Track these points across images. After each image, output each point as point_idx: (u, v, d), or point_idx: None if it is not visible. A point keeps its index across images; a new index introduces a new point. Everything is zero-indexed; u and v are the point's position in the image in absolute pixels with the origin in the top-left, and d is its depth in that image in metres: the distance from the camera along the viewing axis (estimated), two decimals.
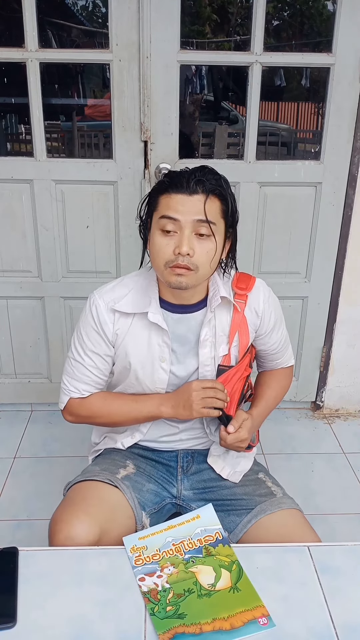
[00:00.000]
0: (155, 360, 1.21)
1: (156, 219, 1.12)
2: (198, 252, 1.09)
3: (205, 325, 1.20)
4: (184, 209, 1.07)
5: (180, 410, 1.18)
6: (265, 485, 1.26)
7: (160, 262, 1.11)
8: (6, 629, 0.84)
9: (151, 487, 1.25)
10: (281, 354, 1.36)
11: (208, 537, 1.02)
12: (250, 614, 0.87)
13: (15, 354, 2.34)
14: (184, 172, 1.10)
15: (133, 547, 1.00)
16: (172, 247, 1.09)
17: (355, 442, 2.29)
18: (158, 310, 1.18)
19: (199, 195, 1.07)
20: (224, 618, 0.86)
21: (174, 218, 1.08)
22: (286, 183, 2.09)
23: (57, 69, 5.10)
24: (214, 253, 1.11)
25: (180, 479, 1.29)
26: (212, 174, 1.11)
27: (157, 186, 1.14)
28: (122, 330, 1.20)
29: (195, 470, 1.30)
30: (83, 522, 1.05)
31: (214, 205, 1.09)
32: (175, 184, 1.08)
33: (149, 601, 0.89)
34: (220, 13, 6.86)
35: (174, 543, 1.01)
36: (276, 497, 1.21)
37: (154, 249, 1.12)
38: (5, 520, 1.84)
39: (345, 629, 0.85)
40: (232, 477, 1.27)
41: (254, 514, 1.17)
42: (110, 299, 1.20)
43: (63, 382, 1.27)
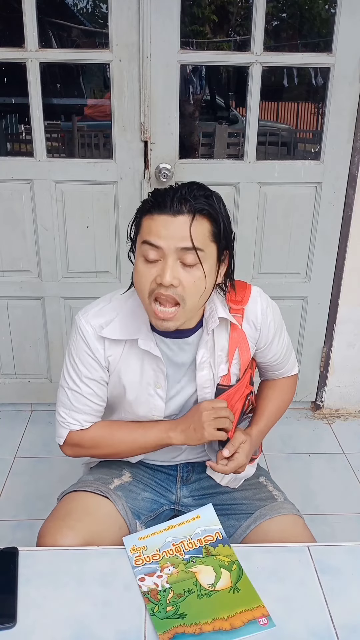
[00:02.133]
0: (150, 387, 1.14)
1: (139, 243, 1.00)
2: (184, 283, 0.97)
3: (202, 347, 1.11)
4: (167, 233, 0.95)
5: (191, 433, 1.09)
6: (266, 489, 1.23)
7: (144, 293, 1.00)
8: (6, 629, 0.84)
9: (147, 495, 1.23)
10: (283, 364, 1.28)
11: (208, 537, 1.02)
12: (250, 614, 0.87)
13: (15, 354, 2.34)
14: (169, 191, 0.97)
15: (133, 547, 1.00)
16: (154, 275, 0.97)
17: (355, 442, 2.29)
18: (149, 336, 1.09)
19: (184, 216, 0.95)
20: (224, 618, 0.86)
21: (155, 245, 0.96)
22: (286, 183, 2.09)
23: (58, 69, 5.10)
24: (203, 283, 0.98)
25: (179, 487, 1.28)
26: (201, 191, 0.98)
27: (141, 206, 1.02)
28: (114, 357, 1.12)
29: (195, 480, 1.28)
30: (66, 536, 1.04)
31: (201, 228, 0.96)
32: (158, 204, 0.95)
33: (149, 601, 0.89)
34: (220, 13, 6.85)
35: (174, 543, 1.01)
36: (277, 501, 1.19)
37: (136, 278, 1.01)
38: (5, 520, 1.84)
39: (345, 629, 0.85)
40: (231, 484, 1.22)
41: (254, 519, 1.15)
42: (97, 324, 1.10)
43: (59, 414, 1.17)
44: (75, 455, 1.22)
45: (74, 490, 1.19)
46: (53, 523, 1.09)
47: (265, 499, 1.19)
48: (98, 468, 1.29)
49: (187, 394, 1.17)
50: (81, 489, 1.18)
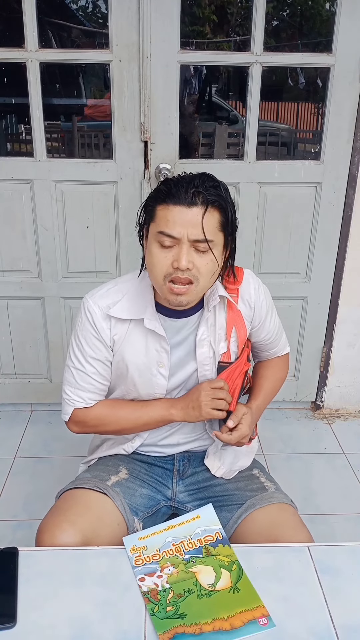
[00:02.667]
0: (153, 366, 1.18)
1: (154, 231, 1.07)
2: (198, 265, 1.06)
3: (203, 324, 1.18)
4: (182, 223, 1.03)
5: (189, 412, 1.16)
6: (258, 481, 1.25)
7: (159, 275, 1.07)
8: (6, 629, 0.84)
9: (144, 491, 1.24)
10: (276, 343, 1.35)
11: (208, 537, 1.02)
12: (250, 614, 0.87)
13: (15, 354, 2.34)
14: (182, 181, 1.04)
15: (133, 547, 1.00)
16: (170, 260, 1.05)
17: (355, 442, 2.29)
18: (154, 316, 1.15)
19: (197, 207, 1.03)
20: (224, 618, 0.86)
21: (171, 235, 1.04)
22: (286, 183, 2.09)
23: (58, 69, 5.10)
24: (214, 266, 1.08)
25: (175, 482, 1.29)
26: (212, 182, 1.05)
27: (154, 194, 1.09)
28: (119, 336, 1.17)
29: (190, 473, 1.30)
30: (66, 531, 1.05)
31: (212, 219, 1.04)
32: (173, 195, 1.03)
33: (149, 601, 0.89)
34: (220, 13, 6.86)
35: (174, 543, 1.01)
36: (268, 491, 1.21)
37: (152, 262, 1.08)
38: (5, 520, 1.84)
39: (345, 629, 0.85)
40: (226, 475, 1.26)
41: (244, 509, 1.17)
42: (104, 304, 1.16)
43: (65, 392, 1.22)
44: (81, 432, 1.26)
45: (72, 487, 1.19)
46: (52, 519, 1.09)
47: (256, 490, 1.22)
48: (95, 466, 1.29)
49: (188, 371, 1.21)
50: (79, 486, 1.18)
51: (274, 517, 1.14)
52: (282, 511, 1.15)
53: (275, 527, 1.11)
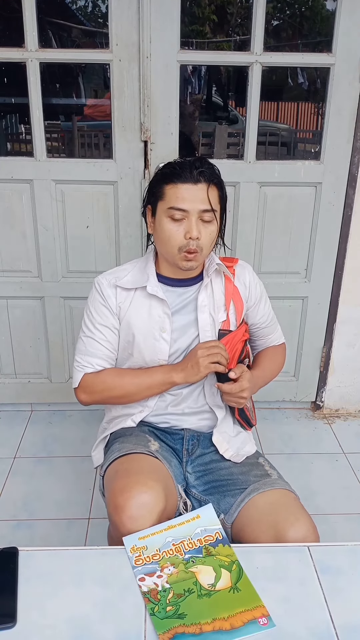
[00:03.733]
0: (156, 331, 1.28)
1: (163, 207, 1.21)
2: (203, 235, 1.21)
3: (203, 290, 1.29)
4: (191, 198, 1.18)
5: (189, 371, 1.23)
6: (262, 468, 1.29)
7: (173, 246, 1.22)
8: (6, 629, 0.84)
9: (175, 462, 1.31)
10: (271, 329, 1.46)
11: (208, 537, 1.02)
12: (250, 614, 0.87)
13: (15, 354, 2.34)
14: (184, 163, 1.21)
15: (133, 547, 1.00)
16: (182, 232, 1.20)
17: (355, 442, 2.29)
18: (156, 284, 1.28)
19: (202, 184, 1.19)
20: (224, 618, 0.86)
21: (182, 209, 1.19)
22: (286, 183, 2.09)
23: (58, 69, 5.10)
24: (215, 235, 1.25)
25: (185, 461, 1.33)
26: (208, 164, 1.23)
27: (159, 177, 1.24)
28: (124, 304, 1.29)
29: (199, 454, 1.33)
30: (152, 488, 1.09)
31: (214, 193, 1.21)
32: (180, 175, 1.19)
33: (149, 601, 0.89)
34: (220, 13, 6.86)
35: (174, 543, 1.01)
36: (270, 477, 1.24)
37: (165, 235, 1.22)
38: (5, 520, 1.84)
39: (345, 629, 0.85)
40: (234, 458, 1.31)
41: (247, 493, 1.20)
42: (112, 277, 1.31)
43: (76, 360, 1.32)
44: (89, 400, 1.32)
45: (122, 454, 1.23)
46: (130, 478, 1.12)
47: (260, 476, 1.25)
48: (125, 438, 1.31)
49: (190, 337, 1.30)
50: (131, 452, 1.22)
51: (275, 501, 1.16)
52: (283, 497, 1.18)
53: (276, 512, 1.12)
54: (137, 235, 2.12)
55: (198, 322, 1.29)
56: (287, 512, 1.12)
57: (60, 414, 2.40)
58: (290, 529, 1.07)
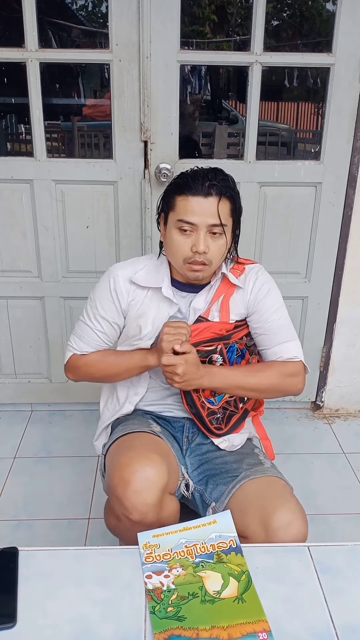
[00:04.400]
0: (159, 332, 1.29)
1: (173, 218, 1.23)
2: (212, 249, 1.22)
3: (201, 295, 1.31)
4: (200, 211, 1.19)
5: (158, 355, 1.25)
6: (256, 457, 1.31)
7: (179, 258, 1.24)
8: (6, 629, 0.84)
9: (177, 446, 1.33)
10: (278, 338, 1.32)
11: (222, 544, 1.01)
12: (251, 627, 0.85)
13: (15, 354, 2.34)
14: (198, 175, 1.21)
15: (146, 544, 1.00)
16: (190, 245, 1.21)
17: (355, 442, 2.29)
18: (170, 287, 1.31)
19: (213, 197, 1.19)
20: (223, 627, 0.85)
21: (191, 222, 1.20)
22: (286, 183, 2.09)
23: (57, 69, 5.09)
24: (225, 248, 1.25)
25: (185, 449, 1.35)
26: (222, 175, 1.22)
27: (172, 186, 1.24)
28: (136, 301, 1.31)
29: (198, 442, 1.36)
30: (156, 462, 1.11)
31: (225, 207, 1.21)
32: (191, 187, 1.19)
33: (151, 599, 0.89)
34: (220, 13, 6.84)
35: (186, 545, 1.00)
36: (263, 466, 1.26)
37: (173, 246, 1.24)
38: (5, 520, 1.84)
39: (345, 629, 0.85)
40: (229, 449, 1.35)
41: (238, 480, 1.21)
42: (130, 270, 1.32)
43: (70, 341, 1.38)
44: (74, 378, 1.39)
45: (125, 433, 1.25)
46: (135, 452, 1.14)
47: (252, 464, 1.27)
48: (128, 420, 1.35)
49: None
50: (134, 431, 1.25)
51: (264, 487, 1.18)
52: (272, 483, 1.19)
53: (263, 497, 1.14)
54: (137, 235, 2.12)
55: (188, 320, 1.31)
56: (274, 496, 1.14)
57: (60, 414, 2.40)
58: (276, 512, 1.08)
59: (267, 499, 1.14)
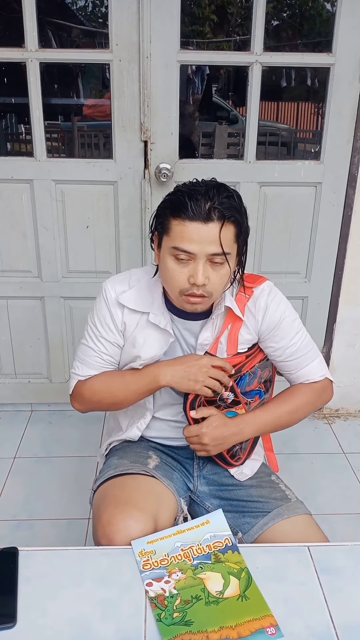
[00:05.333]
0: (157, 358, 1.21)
1: (168, 245, 1.07)
2: (212, 280, 1.07)
3: (206, 330, 1.19)
4: (199, 239, 1.03)
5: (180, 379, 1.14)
6: (279, 489, 1.26)
7: (175, 289, 1.10)
8: (6, 629, 0.84)
9: (178, 475, 1.27)
10: (301, 361, 1.25)
11: (217, 543, 1.00)
12: (259, 623, 0.85)
13: (15, 354, 2.34)
14: (196, 194, 1.03)
15: (141, 552, 0.99)
16: (186, 275, 1.06)
17: (355, 442, 2.29)
18: (160, 311, 1.18)
19: (214, 223, 1.03)
20: (232, 627, 0.84)
21: (188, 252, 1.04)
22: (286, 183, 2.09)
23: (57, 69, 5.09)
24: (227, 278, 1.10)
25: (196, 476, 1.30)
26: (225, 192, 1.05)
27: (168, 204, 1.07)
28: (130, 323, 1.20)
29: (210, 469, 1.30)
30: (139, 520, 1.05)
31: (228, 233, 1.05)
32: (188, 211, 1.02)
33: (155, 607, 0.88)
34: (220, 13, 6.84)
35: (182, 548, 0.99)
36: (291, 501, 1.21)
37: (167, 275, 1.10)
38: (5, 520, 1.84)
39: (345, 629, 0.85)
40: (237, 476, 1.27)
41: (271, 517, 1.17)
42: (120, 290, 1.20)
43: (73, 367, 1.26)
44: (82, 408, 1.27)
45: (116, 474, 1.19)
46: (118, 508, 1.08)
47: (280, 499, 1.22)
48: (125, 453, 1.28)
49: None
50: (125, 472, 1.19)
51: (301, 529, 1.14)
52: (308, 524, 1.16)
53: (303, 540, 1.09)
54: (137, 235, 2.12)
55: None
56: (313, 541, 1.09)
57: (60, 414, 2.40)
58: None
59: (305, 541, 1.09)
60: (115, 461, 1.25)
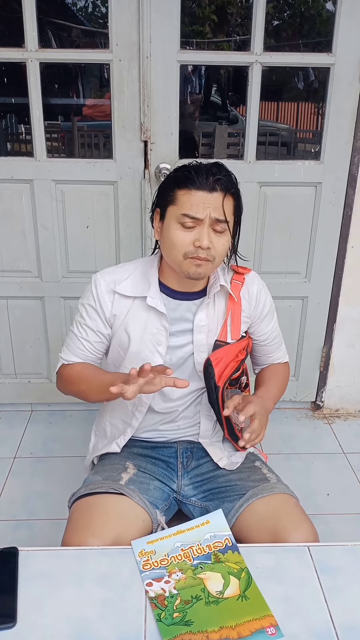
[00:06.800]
0: (151, 344, 1.23)
1: (175, 213, 1.14)
2: (216, 245, 1.14)
3: (202, 310, 1.24)
4: (205, 206, 1.12)
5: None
6: (260, 472, 1.27)
7: (179, 253, 1.15)
8: (6, 629, 0.84)
9: (156, 484, 1.25)
10: (276, 347, 1.41)
11: (217, 543, 1.00)
12: (259, 623, 0.85)
13: (15, 354, 2.34)
14: (201, 168, 1.13)
15: (141, 552, 0.99)
16: (191, 240, 1.13)
17: (355, 442, 2.29)
18: (157, 295, 1.22)
19: (218, 193, 1.12)
20: (232, 627, 0.84)
21: (196, 217, 1.12)
22: (286, 183, 2.09)
23: (57, 69, 5.09)
24: (228, 246, 1.19)
25: (180, 475, 1.30)
26: (225, 171, 1.15)
27: (172, 179, 1.16)
28: (121, 312, 1.24)
29: (195, 466, 1.31)
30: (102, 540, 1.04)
31: (229, 204, 1.15)
32: (195, 181, 1.11)
33: (155, 607, 0.88)
34: (220, 13, 6.85)
35: (182, 548, 0.99)
36: (269, 482, 1.22)
37: (171, 241, 1.16)
38: (5, 520, 1.84)
39: (345, 629, 0.85)
40: (229, 467, 1.29)
41: (246, 499, 1.18)
42: (111, 279, 1.24)
43: (61, 351, 1.32)
44: (62, 389, 1.33)
45: (86, 493, 1.18)
46: (77, 535, 1.07)
47: (258, 480, 1.23)
48: (101, 467, 1.29)
49: (185, 354, 1.26)
50: (94, 491, 1.17)
51: (276, 507, 1.14)
52: (284, 503, 1.16)
53: (276, 518, 1.11)
54: (137, 235, 2.12)
55: (194, 342, 1.24)
56: (288, 518, 1.11)
57: (60, 414, 2.40)
58: (290, 536, 1.06)
59: (280, 520, 1.10)
60: (91, 477, 1.25)
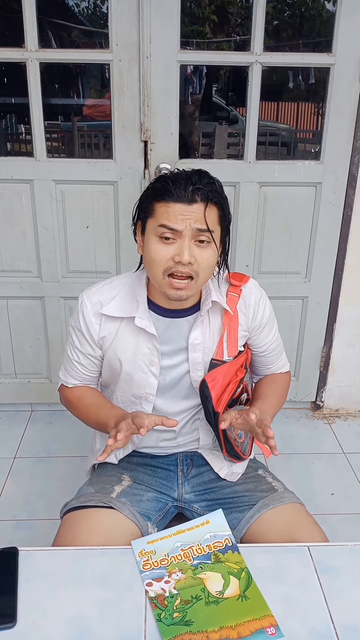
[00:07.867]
0: (144, 365, 1.18)
1: (153, 225, 1.07)
2: (199, 259, 1.06)
3: (196, 328, 1.17)
4: (184, 218, 1.04)
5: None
6: (265, 481, 1.25)
7: (158, 270, 1.07)
8: (6, 629, 0.84)
9: (151, 495, 1.23)
10: (276, 357, 1.33)
11: (217, 543, 1.00)
12: (259, 623, 0.85)
13: (15, 354, 2.34)
14: (179, 178, 1.05)
15: (141, 552, 0.99)
16: (171, 254, 1.05)
17: (355, 442, 2.29)
18: (145, 315, 1.16)
19: (198, 204, 1.04)
20: (232, 627, 0.84)
21: (173, 229, 1.04)
22: (286, 183, 2.09)
23: (57, 69, 5.10)
24: (214, 259, 1.09)
25: (180, 483, 1.28)
26: (208, 179, 1.07)
27: (150, 191, 1.09)
28: (109, 334, 1.19)
29: (195, 473, 1.29)
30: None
31: (212, 213, 1.06)
32: (172, 193, 1.03)
33: (155, 607, 0.88)
34: (220, 13, 6.85)
35: (182, 548, 0.99)
36: (277, 491, 1.21)
37: (151, 256, 1.08)
38: (5, 520, 1.84)
39: (345, 629, 0.85)
40: (229, 477, 1.26)
41: (257, 509, 1.16)
42: (97, 300, 1.19)
43: (61, 369, 1.31)
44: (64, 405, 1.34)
45: (76, 506, 1.16)
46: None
47: (266, 490, 1.21)
48: (97, 477, 1.27)
49: (181, 373, 1.21)
50: (84, 505, 1.16)
51: (289, 517, 1.14)
52: (296, 512, 1.16)
53: (291, 527, 1.11)
54: None
55: (189, 360, 1.19)
56: (303, 530, 1.10)
57: (60, 414, 2.40)
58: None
59: (295, 529, 1.09)
60: (84, 488, 1.23)
